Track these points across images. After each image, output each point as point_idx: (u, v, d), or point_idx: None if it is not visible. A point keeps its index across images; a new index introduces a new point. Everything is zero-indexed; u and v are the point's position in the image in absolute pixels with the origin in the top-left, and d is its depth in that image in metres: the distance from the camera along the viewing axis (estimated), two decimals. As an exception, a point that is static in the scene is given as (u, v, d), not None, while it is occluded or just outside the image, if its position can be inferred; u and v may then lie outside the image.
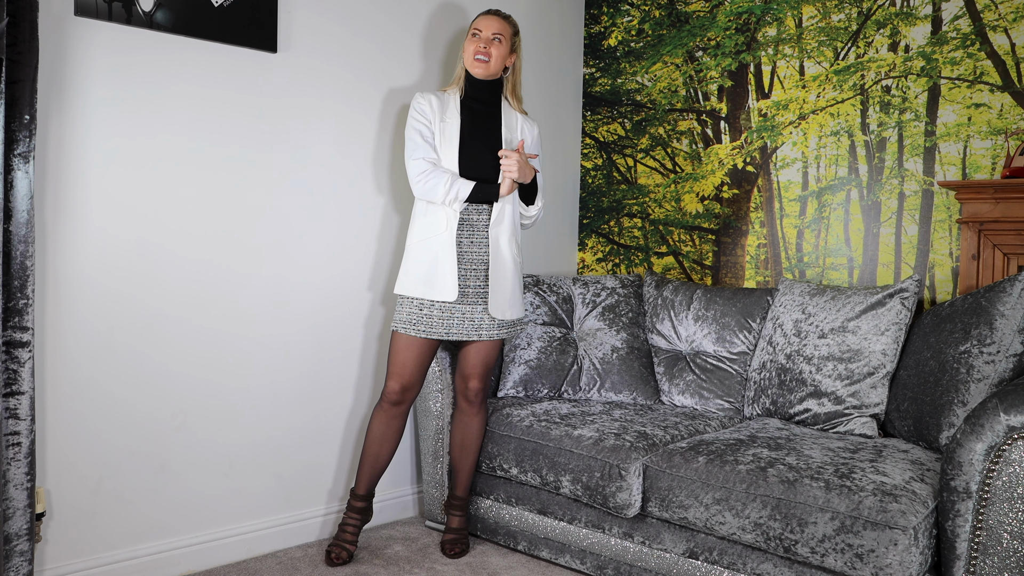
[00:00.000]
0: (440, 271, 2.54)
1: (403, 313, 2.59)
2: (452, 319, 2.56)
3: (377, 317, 3.00)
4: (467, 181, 2.54)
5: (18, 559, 2.09)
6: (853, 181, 3.05)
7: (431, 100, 2.63)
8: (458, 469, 2.75)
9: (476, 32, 2.63)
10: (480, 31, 2.62)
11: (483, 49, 2.60)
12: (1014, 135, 2.68)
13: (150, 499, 2.47)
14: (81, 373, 2.32)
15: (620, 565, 2.48)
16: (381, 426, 2.64)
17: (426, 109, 2.61)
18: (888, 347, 2.56)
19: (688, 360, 3.04)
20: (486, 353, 2.66)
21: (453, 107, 2.63)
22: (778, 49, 3.21)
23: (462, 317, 2.57)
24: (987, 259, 2.64)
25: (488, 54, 2.60)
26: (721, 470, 2.26)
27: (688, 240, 3.50)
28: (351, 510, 2.66)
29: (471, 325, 2.58)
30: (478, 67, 2.62)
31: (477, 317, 2.58)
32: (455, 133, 2.60)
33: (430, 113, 2.61)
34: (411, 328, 2.56)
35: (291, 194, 2.75)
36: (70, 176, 2.28)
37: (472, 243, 2.58)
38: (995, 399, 1.91)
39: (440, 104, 2.63)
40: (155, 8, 2.37)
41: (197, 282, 2.54)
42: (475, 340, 2.62)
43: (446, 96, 2.66)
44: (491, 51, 2.61)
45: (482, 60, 2.61)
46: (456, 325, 2.57)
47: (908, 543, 1.92)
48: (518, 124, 2.72)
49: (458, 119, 2.61)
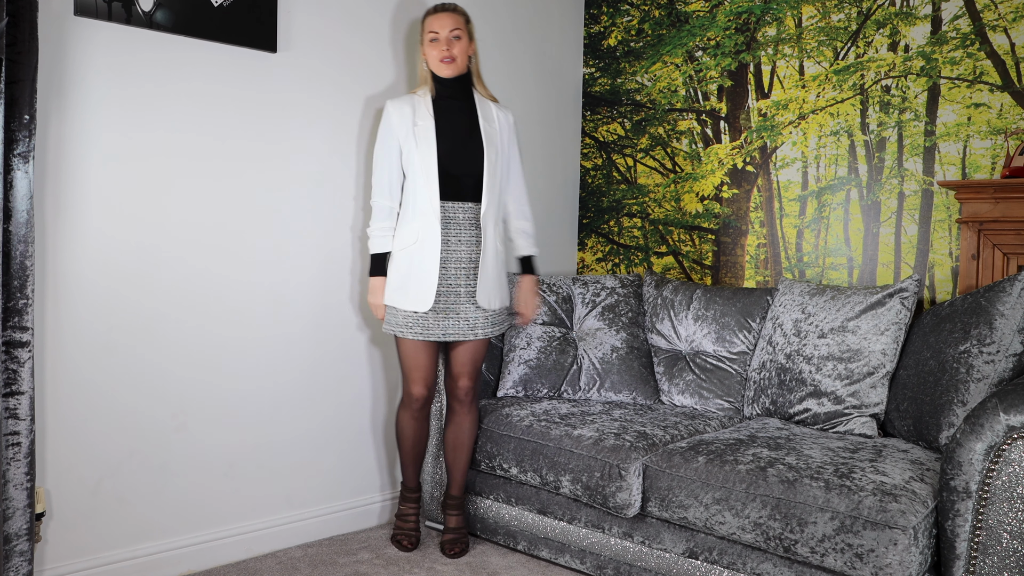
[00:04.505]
0: (413, 281, 2.58)
1: (399, 317, 2.60)
2: (448, 320, 2.58)
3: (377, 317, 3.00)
4: (375, 251, 2.64)
5: (18, 559, 2.09)
6: (853, 181, 3.05)
7: (402, 109, 2.62)
8: (452, 469, 2.75)
9: (434, 35, 2.60)
10: (438, 33, 2.60)
11: (447, 51, 2.59)
12: (1014, 135, 2.68)
13: (150, 499, 2.47)
14: (81, 373, 2.32)
15: (620, 565, 2.49)
16: (413, 428, 2.74)
17: (395, 122, 2.60)
18: (888, 347, 2.56)
19: (688, 360, 3.04)
20: (475, 351, 2.67)
21: (425, 109, 2.62)
22: (778, 49, 3.21)
23: (457, 318, 2.59)
24: (987, 259, 2.64)
25: (452, 55, 2.59)
26: (721, 470, 2.26)
27: (688, 240, 3.50)
28: (409, 501, 2.82)
29: (466, 325, 2.60)
30: (446, 69, 2.61)
31: (472, 316, 2.60)
32: (431, 135, 2.58)
33: (398, 126, 2.60)
34: (410, 331, 2.59)
35: (291, 194, 2.75)
36: (70, 176, 2.28)
37: (460, 241, 2.59)
38: (995, 399, 1.91)
39: (412, 109, 2.62)
40: (155, 8, 2.37)
41: (196, 281, 2.54)
42: (470, 340, 2.63)
43: (417, 99, 2.64)
44: (454, 52, 2.60)
45: (448, 62, 2.60)
46: (452, 326, 2.59)
47: (908, 543, 1.92)
48: (494, 114, 2.71)
49: (432, 120, 2.60)
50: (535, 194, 3.60)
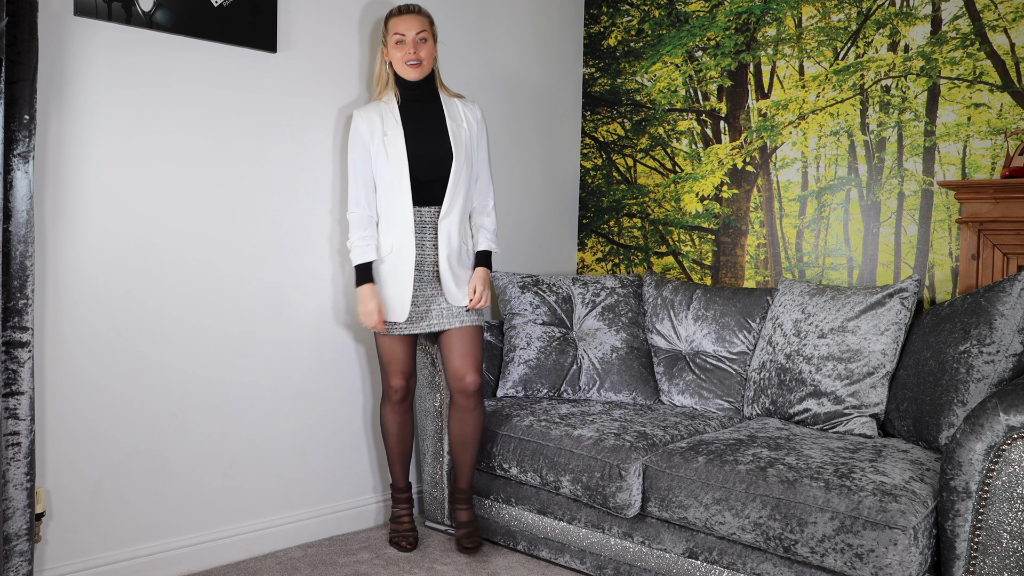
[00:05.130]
0: (390, 290, 2.61)
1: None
2: (430, 313, 2.63)
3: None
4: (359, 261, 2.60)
5: (18, 559, 2.09)
6: (853, 181, 3.05)
7: (370, 119, 2.61)
8: (459, 463, 2.73)
9: (400, 37, 2.59)
10: (404, 35, 2.58)
11: (413, 54, 2.58)
12: (1013, 135, 2.68)
13: (150, 499, 2.47)
14: (81, 373, 2.32)
15: (620, 565, 2.49)
16: (396, 422, 2.77)
17: (364, 132, 2.60)
18: (888, 347, 2.56)
19: (688, 360, 3.04)
20: (471, 344, 2.66)
21: (392, 118, 2.61)
22: (778, 49, 3.21)
23: (439, 311, 2.64)
24: (987, 259, 2.64)
25: (419, 58, 2.59)
26: (721, 470, 2.26)
27: (688, 240, 3.50)
28: (401, 502, 2.81)
29: (449, 314, 2.64)
30: (412, 72, 2.60)
31: (450, 308, 2.65)
32: (400, 145, 2.58)
33: (367, 136, 2.60)
34: (392, 327, 2.63)
35: (291, 193, 2.75)
36: (70, 176, 2.28)
37: (434, 245, 2.64)
38: (995, 399, 1.91)
39: (380, 118, 2.61)
40: (155, 8, 2.37)
41: (196, 281, 2.54)
42: (456, 327, 2.64)
43: (383, 106, 2.63)
44: (421, 54, 2.59)
45: (415, 65, 2.59)
46: (435, 317, 2.63)
47: (908, 543, 1.92)
48: (460, 111, 2.71)
49: (400, 128, 2.59)
50: (534, 194, 3.61)
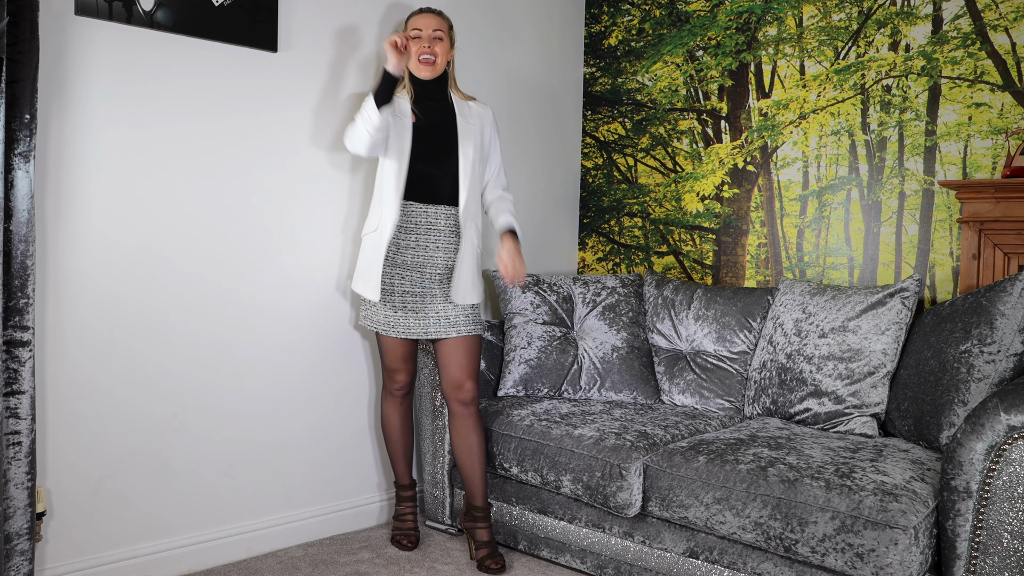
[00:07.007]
0: (368, 266, 2.59)
1: (379, 315, 2.62)
2: (427, 319, 2.59)
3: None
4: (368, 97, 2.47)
5: (19, 558, 2.09)
6: (853, 180, 3.05)
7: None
8: (470, 479, 2.64)
9: (417, 32, 2.59)
10: (420, 30, 2.59)
11: (427, 49, 2.58)
12: (1014, 134, 2.68)
13: (150, 498, 2.47)
14: (81, 372, 2.32)
15: (620, 564, 2.49)
16: (397, 416, 2.79)
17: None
18: (888, 347, 2.56)
19: (688, 359, 3.04)
20: (466, 351, 2.62)
21: (405, 106, 2.60)
22: (778, 48, 3.21)
23: (437, 316, 2.59)
24: (987, 258, 2.64)
25: (434, 53, 2.59)
26: (721, 470, 2.26)
27: (688, 239, 3.50)
28: (405, 500, 2.83)
29: (446, 322, 2.60)
30: (425, 69, 2.60)
31: (451, 314, 2.60)
32: (407, 133, 2.56)
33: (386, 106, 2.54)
34: (393, 331, 2.61)
35: (292, 193, 2.75)
36: (70, 175, 2.28)
37: (438, 248, 2.60)
38: (995, 398, 1.91)
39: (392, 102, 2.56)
40: (155, 7, 2.37)
41: (198, 280, 2.54)
42: (453, 336, 2.60)
43: (396, 99, 2.61)
44: (435, 50, 2.59)
45: (428, 60, 2.59)
46: (433, 322, 2.59)
47: (908, 543, 1.92)
48: (472, 111, 2.70)
49: (410, 120, 2.58)
50: (535, 194, 3.61)
